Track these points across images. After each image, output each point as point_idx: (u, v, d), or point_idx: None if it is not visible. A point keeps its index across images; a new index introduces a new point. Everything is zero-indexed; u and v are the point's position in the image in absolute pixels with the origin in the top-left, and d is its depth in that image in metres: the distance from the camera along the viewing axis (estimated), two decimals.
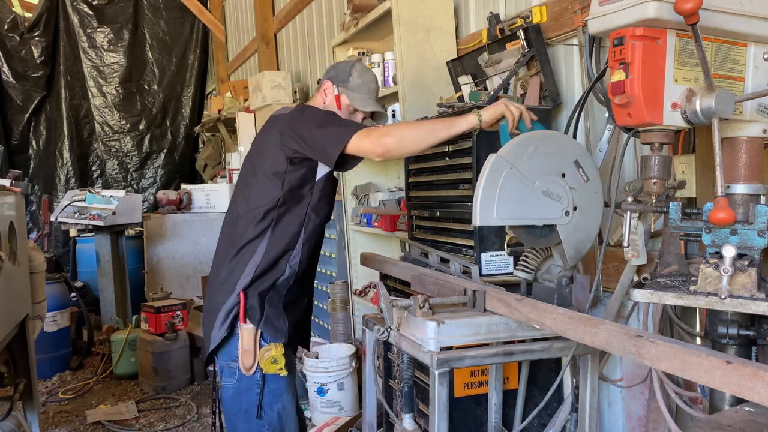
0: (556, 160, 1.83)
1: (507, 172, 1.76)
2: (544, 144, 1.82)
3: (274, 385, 2.03)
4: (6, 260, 2.32)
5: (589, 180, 1.88)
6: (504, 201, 1.77)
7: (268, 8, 6.78)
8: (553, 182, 1.82)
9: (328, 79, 2.27)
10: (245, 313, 2.01)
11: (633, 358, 1.28)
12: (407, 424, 2.01)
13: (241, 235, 2.08)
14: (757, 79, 1.54)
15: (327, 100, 2.27)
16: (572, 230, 1.87)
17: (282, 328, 2.05)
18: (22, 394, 2.68)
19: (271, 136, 2.10)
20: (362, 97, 2.25)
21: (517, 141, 1.81)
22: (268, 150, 2.09)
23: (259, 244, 2.05)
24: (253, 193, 2.10)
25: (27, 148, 8.24)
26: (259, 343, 2.01)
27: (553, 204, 1.83)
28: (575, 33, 2.52)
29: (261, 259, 2.04)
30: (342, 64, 2.34)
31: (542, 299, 1.86)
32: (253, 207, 2.08)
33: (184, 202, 6.20)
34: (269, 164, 2.07)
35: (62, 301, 5.20)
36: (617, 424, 2.53)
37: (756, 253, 1.44)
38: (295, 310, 2.15)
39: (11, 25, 8.11)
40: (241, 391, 2.03)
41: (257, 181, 2.09)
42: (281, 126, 2.08)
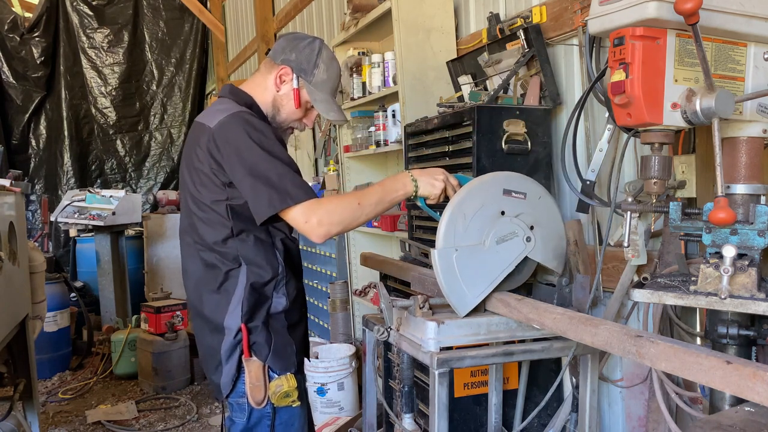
0: (487, 207, 1.78)
1: (455, 255, 1.73)
2: (468, 205, 1.76)
3: (286, 416, 1.87)
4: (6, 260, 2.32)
5: (526, 194, 1.83)
6: (470, 280, 1.75)
7: (268, 8, 6.78)
8: (499, 226, 1.78)
9: (288, 66, 1.89)
10: (250, 348, 1.81)
11: (633, 358, 1.28)
12: (407, 424, 2.01)
13: (212, 270, 1.83)
14: (757, 79, 1.54)
15: (282, 90, 1.90)
16: (542, 246, 1.83)
17: (291, 357, 1.86)
18: (22, 394, 2.69)
19: (200, 158, 1.79)
20: (325, 98, 1.92)
21: (444, 224, 1.74)
22: (200, 176, 1.80)
23: (238, 277, 1.81)
24: (204, 229, 1.83)
25: (27, 148, 8.24)
26: (269, 375, 1.82)
27: (512, 242, 1.79)
28: (575, 33, 2.52)
29: (244, 293, 1.80)
30: (305, 48, 1.90)
31: (542, 299, 1.86)
32: (210, 243, 1.82)
33: None
34: (206, 194, 1.79)
35: (62, 301, 5.20)
36: (617, 424, 2.53)
37: (756, 253, 1.44)
38: (298, 331, 1.94)
39: (11, 26, 8.11)
40: (251, 426, 1.86)
41: (202, 213, 1.82)
42: (209, 144, 1.76)
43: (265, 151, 1.72)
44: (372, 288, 3.74)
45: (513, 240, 1.79)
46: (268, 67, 1.93)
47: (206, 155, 1.77)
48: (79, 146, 8.37)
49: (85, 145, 8.45)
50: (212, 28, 8.70)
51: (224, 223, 1.79)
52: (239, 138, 1.73)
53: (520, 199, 1.82)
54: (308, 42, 1.91)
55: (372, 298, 3.64)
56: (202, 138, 1.80)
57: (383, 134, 3.50)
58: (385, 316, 1.96)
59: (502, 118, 2.50)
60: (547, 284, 1.97)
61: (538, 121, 2.57)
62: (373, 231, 3.70)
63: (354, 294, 3.93)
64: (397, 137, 3.35)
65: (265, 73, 1.93)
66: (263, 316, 1.82)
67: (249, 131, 1.74)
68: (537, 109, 2.59)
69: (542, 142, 2.57)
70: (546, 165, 2.57)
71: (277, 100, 1.91)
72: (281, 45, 1.93)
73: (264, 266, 1.81)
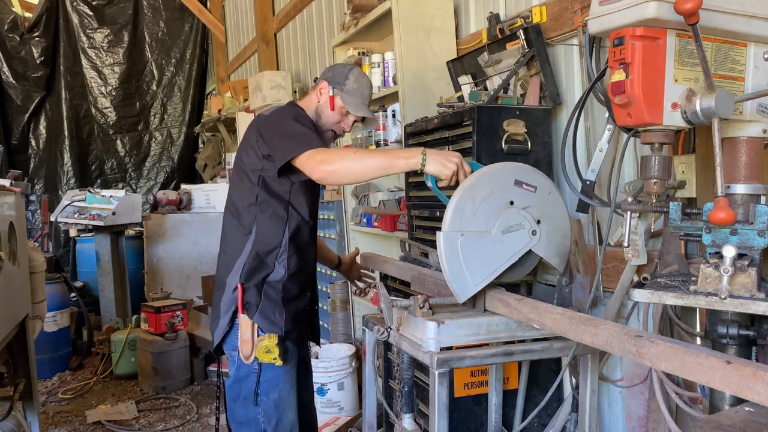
0: (497, 195, 1.78)
1: (461, 240, 1.73)
2: (478, 191, 1.77)
3: (271, 374, 2.11)
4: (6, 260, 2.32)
5: (536, 188, 1.83)
6: (473, 267, 1.75)
7: (268, 8, 6.78)
8: (507, 216, 1.78)
9: (325, 80, 2.32)
10: (243, 305, 2.11)
11: (633, 358, 1.28)
12: (407, 424, 2.01)
13: (230, 233, 2.21)
14: (757, 79, 1.54)
15: (321, 99, 2.31)
16: (546, 242, 1.83)
17: (278, 321, 2.13)
18: (22, 394, 2.68)
19: (250, 135, 2.19)
20: (355, 101, 2.29)
21: (452, 207, 1.75)
22: (248, 149, 2.18)
23: (246, 243, 2.15)
24: (237, 192, 2.22)
25: (27, 148, 8.24)
26: (257, 334, 2.10)
27: (518, 234, 1.79)
28: (575, 33, 2.52)
29: (247, 257, 2.14)
30: (340, 67, 2.37)
31: (542, 299, 1.86)
32: (237, 206, 2.20)
33: (184, 202, 6.21)
34: (248, 163, 2.17)
35: (62, 301, 5.20)
36: (617, 424, 2.53)
37: (756, 253, 1.44)
38: (295, 305, 2.21)
39: (11, 26, 8.11)
40: (240, 378, 2.13)
41: (240, 180, 2.20)
42: (261, 124, 2.16)
43: (295, 122, 2.13)
44: (372, 288, 3.75)
45: (519, 231, 1.80)
46: (314, 87, 2.37)
47: (256, 132, 2.16)
48: (79, 146, 8.37)
49: (85, 145, 8.45)
50: (212, 28, 8.70)
51: (252, 189, 2.15)
52: (281, 116, 2.17)
53: (530, 192, 1.83)
54: (342, 64, 2.46)
55: (372, 298, 3.64)
56: (259, 121, 2.20)
57: (383, 134, 3.50)
58: (385, 316, 1.96)
59: (502, 118, 2.50)
60: (547, 284, 1.97)
61: (538, 121, 2.57)
62: (373, 231, 3.69)
63: (354, 294, 3.93)
64: (397, 137, 3.35)
65: (311, 92, 2.37)
66: (258, 281, 2.14)
67: (289, 111, 2.21)
68: (537, 109, 2.59)
69: (542, 142, 2.57)
70: (546, 165, 2.57)
71: (319, 108, 2.30)
72: (324, 70, 2.39)
73: (270, 237, 2.15)
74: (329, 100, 2.28)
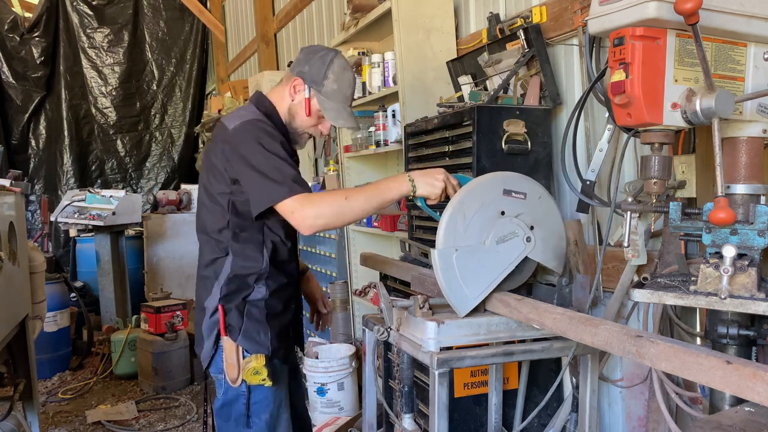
0: (487, 207, 1.78)
1: (455, 255, 1.73)
2: (468, 205, 1.76)
3: (260, 396, 1.99)
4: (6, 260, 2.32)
5: (526, 194, 1.83)
6: (470, 280, 1.75)
7: (268, 8, 6.78)
8: (499, 226, 1.77)
9: (300, 77, 2.02)
10: (225, 328, 1.97)
11: (633, 358, 1.28)
12: (407, 424, 2.00)
13: (205, 255, 2.05)
14: (757, 79, 1.54)
15: (296, 99, 2.04)
16: (542, 247, 1.83)
17: (263, 341, 1.99)
18: (22, 394, 2.69)
19: (217, 155, 1.97)
20: (335, 107, 2.03)
21: (444, 223, 1.74)
22: (214, 173, 1.98)
23: (223, 265, 1.99)
24: (207, 215, 2.03)
25: (27, 148, 8.24)
26: (242, 355, 1.97)
27: (512, 243, 1.79)
28: (575, 33, 2.52)
29: (225, 279, 1.98)
30: (317, 60, 2.02)
31: (542, 299, 1.86)
32: (209, 230, 2.02)
33: (184, 202, 6.21)
34: (215, 186, 1.98)
35: (62, 301, 5.20)
36: (617, 424, 2.53)
37: (756, 253, 1.44)
38: (280, 320, 2.06)
39: (11, 26, 8.11)
40: (229, 401, 2.01)
41: (209, 203, 2.01)
42: (225, 144, 1.94)
43: (267, 152, 1.87)
44: (372, 288, 3.75)
45: (513, 240, 1.79)
46: (287, 78, 2.08)
47: (221, 153, 1.95)
48: (79, 146, 8.37)
49: (85, 145, 8.45)
50: (212, 28, 8.70)
51: (223, 215, 1.97)
52: (248, 142, 1.90)
53: (520, 199, 1.82)
54: (322, 54, 2.04)
55: (372, 298, 3.64)
56: (220, 137, 1.99)
57: (383, 134, 3.50)
58: (385, 316, 1.96)
59: (502, 118, 2.50)
60: (547, 284, 1.97)
61: (538, 121, 2.57)
62: (373, 231, 3.69)
63: (354, 294, 3.93)
64: (397, 137, 3.35)
65: (284, 84, 2.08)
66: (238, 302, 1.98)
67: (258, 136, 1.90)
68: (537, 109, 2.59)
69: (542, 142, 2.57)
70: (546, 165, 2.57)
71: (292, 108, 2.05)
72: (299, 57, 2.07)
73: (248, 260, 1.98)
74: (305, 103, 2.02)
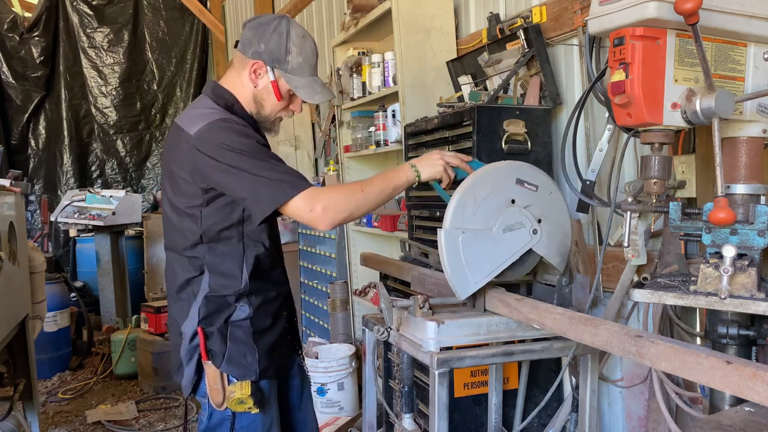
0: (498, 193, 1.78)
1: (462, 237, 1.73)
2: (480, 189, 1.77)
3: (246, 421, 1.83)
4: (6, 260, 2.32)
5: (538, 187, 1.84)
6: (473, 265, 1.75)
7: (268, 8, 6.78)
8: (508, 215, 1.78)
9: (259, 58, 1.78)
10: (207, 353, 1.80)
11: (633, 358, 1.28)
12: (407, 424, 2.01)
13: (178, 275, 1.85)
14: (757, 79, 1.54)
15: (259, 85, 1.81)
16: (547, 241, 1.84)
17: (250, 364, 1.81)
18: (22, 394, 2.69)
19: (180, 164, 1.75)
20: (306, 82, 1.82)
21: (454, 205, 1.75)
22: (179, 180, 1.77)
23: (200, 284, 1.81)
24: (174, 232, 1.84)
25: (26, 148, 8.24)
26: (228, 379, 1.81)
27: (519, 233, 1.79)
28: (575, 33, 2.52)
29: (203, 300, 1.80)
30: (272, 35, 1.77)
31: (542, 299, 1.86)
32: (179, 247, 1.83)
33: None
34: (182, 199, 1.78)
35: (62, 301, 5.20)
36: (617, 424, 2.53)
37: (756, 253, 1.44)
38: (270, 335, 1.89)
39: (11, 25, 8.10)
40: (213, 426, 1.85)
41: (176, 218, 1.81)
42: (190, 153, 1.72)
43: (250, 155, 1.69)
44: (372, 288, 3.75)
45: (520, 230, 1.80)
46: (241, 62, 1.82)
47: (187, 162, 1.73)
48: (78, 146, 8.36)
49: (85, 145, 8.44)
50: (212, 28, 8.70)
51: (194, 230, 1.78)
52: (222, 149, 1.68)
53: (532, 191, 1.83)
54: (274, 26, 1.79)
55: (372, 298, 3.64)
56: (182, 144, 1.76)
57: (383, 134, 3.50)
58: (385, 316, 1.96)
59: (502, 118, 2.50)
60: (547, 284, 1.97)
61: (538, 121, 2.57)
62: (373, 231, 3.69)
63: (354, 294, 3.93)
64: (397, 137, 3.35)
65: (239, 69, 1.83)
66: (220, 324, 1.80)
67: (230, 139, 1.70)
68: (537, 109, 2.59)
69: (542, 142, 2.57)
70: (546, 165, 2.57)
71: (257, 96, 1.83)
72: (248, 36, 1.81)
73: (227, 277, 1.80)
74: (272, 87, 1.80)
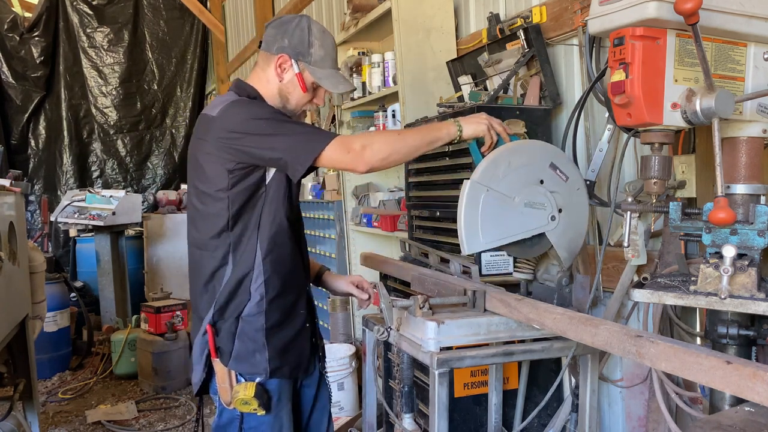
0: (532, 169, 1.81)
1: (485, 194, 1.75)
2: (516, 157, 1.79)
3: (254, 422, 1.84)
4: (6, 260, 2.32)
5: (568, 179, 1.86)
6: (487, 224, 1.76)
7: (268, 8, 6.79)
8: (533, 192, 1.80)
9: (284, 52, 1.86)
10: (215, 350, 1.82)
11: (633, 358, 1.28)
12: (407, 424, 2.00)
13: (204, 269, 1.86)
14: (757, 79, 1.54)
15: (285, 78, 1.88)
16: (561, 233, 1.85)
17: (259, 362, 1.81)
18: (21, 394, 2.69)
19: (206, 149, 1.80)
20: (330, 74, 1.90)
21: (488, 161, 1.77)
22: (205, 166, 1.81)
23: (223, 276, 1.82)
24: (201, 221, 1.85)
25: (26, 148, 8.24)
26: (236, 379, 1.82)
27: (538, 213, 1.81)
28: (575, 33, 2.52)
29: (223, 290, 1.81)
30: (295, 30, 1.87)
31: (542, 299, 1.86)
32: (206, 237, 1.83)
33: (184, 202, 6.20)
34: (210, 183, 1.80)
35: (62, 301, 5.20)
36: (617, 424, 2.53)
37: (756, 253, 1.44)
38: (285, 333, 1.87)
39: (11, 25, 8.11)
40: (223, 425, 1.88)
41: (203, 206, 1.84)
42: (216, 133, 1.77)
43: (276, 120, 1.78)
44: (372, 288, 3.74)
45: (540, 211, 1.82)
46: (266, 59, 1.90)
47: (213, 143, 1.78)
48: (78, 146, 8.37)
49: (85, 145, 8.45)
50: (212, 28, 8.70)
51: (222, 214, 1.79)
52: (248, 120, 1.76)
53: (561, 180, 1.85)
54: (296, 23, 1.88)
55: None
56: (206, 128, 1.82)
57: None
58: (385, 316, 1.96)
59: (502, 118, 2.47)
60: (547, 284, 1.97)
61: (538, 121, 2.56)
62: (373, 231, 3.69)
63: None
64: None
65: (264, 66, 1.91)
66: (233, 318, 1.82)
67: (254, 111, 1.79)
68: (537, 109, 2.59)
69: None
70: None
71: (283, 89, 1.89)
72: (271, 34, 1.90)
73: (244, 264, 1.81)
74: (297, 79, 1.86)
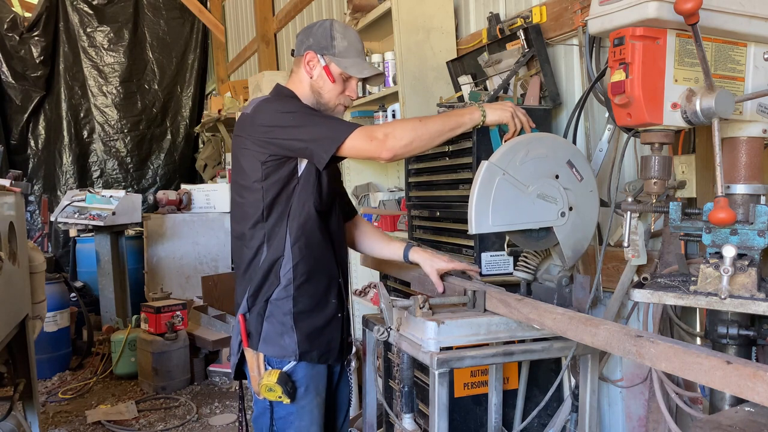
0: (549, 161, 1.83)
1: (500, 178, 1.76)
2: (536, 147, 1.81)
3: (283, 412, 1.90)
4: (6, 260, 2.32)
5: (583, 179, 1.87)
6: (498, 207, 1.77)
7: (268, 8, 6.78)
8: (547, 184, 1.82)
9: (309, 50, 1.98)
10: (246, 337, 1.91)
11: (633, 358, 1.28)
12: (407, 424, 2.00)
13: (242, 258, 1.96)
14: (757, 79, 1.54)
15: (314, 74, 1.98)
16: (569, 231, 1.86)
17: (288, 345, 1.88)
18: (22, 394, 2.68)
19: (242, 144, 1.92)
20: (355, 61, 1.98)
21: (508, 146, 1.79)
22: (242, 160, 1.92)
23: (258, 264, 1.91)
24: (239, 211, 1.96)
25: (26, 148, 8.24)
26: (265, 366, 1.90)
27: (549, 206, 1.82)
28: (575, 33, 2.52)
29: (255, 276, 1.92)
30: (318, 29, 1.99)
31: (542, 299, 1.86)
32: (243, 227, 1.94)
33: (184, 202, 6.20)
34: (246, 176, 1.90)
35: (62, 301, 5.20)
36: (617, 424, 2.53)
37: (756, 253, 1.44)
38: (314, 319, 1.94)
39: (11, 25, 8.10)
40: (259, 414, 1.95)
41: (240, 199, 1.95)
42: (250, 128, 1.90)
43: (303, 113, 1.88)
44: (372, 288, 3.75)
45: (551, 205, 1.83)
46: (297, 62, 2.03)
47: (248, 137, 1.90)
48: (78, 146, 8.37)
49: (85, 145, 8.44)
50: (212, 28, 8.70)
51: (258, 205, 1.89)
52: (278, 113, 1.88)
53: (576, 179, 1.87)
54: (319, 24, 2.02)
55: (372, 298, 3.64)
56: (242, 125, 1.94)
57: None
58: (385, 316, 1.96)
59: None
60: (547, 284, 1.97)
61: (538, 121, 2.55)
62: None
63: (354, 294, 3.92)
64: None
65: (296, 69, 2.04)
66: (262, 303, 1.91)
67: (283, 106, 1.92)
68: (537, 109, 2.59)
69: None
70: None
71: (314, 85, 1.99)
72: (299, 39, 2.04)
73: (275, 247, 1.90)
74: (325, 72, 1.96)
